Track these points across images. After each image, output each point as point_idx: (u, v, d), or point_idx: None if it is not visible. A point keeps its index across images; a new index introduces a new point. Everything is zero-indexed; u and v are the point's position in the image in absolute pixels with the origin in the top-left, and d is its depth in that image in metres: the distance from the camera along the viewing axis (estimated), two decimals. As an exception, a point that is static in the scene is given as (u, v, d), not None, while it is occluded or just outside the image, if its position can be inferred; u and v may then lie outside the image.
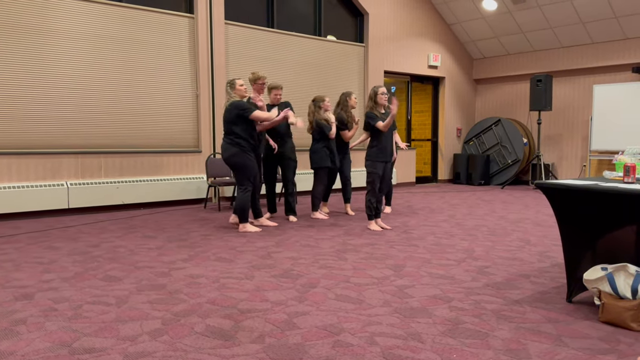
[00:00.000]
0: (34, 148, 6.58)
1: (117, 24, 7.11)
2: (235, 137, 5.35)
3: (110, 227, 5.84)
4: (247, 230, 5.51)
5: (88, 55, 6.90)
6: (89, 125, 6.95)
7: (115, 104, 7.15)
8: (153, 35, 7.43)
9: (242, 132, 5.35)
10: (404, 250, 4.63)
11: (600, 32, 9.76)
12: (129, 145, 7.30)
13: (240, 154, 5.35)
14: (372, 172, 5.53)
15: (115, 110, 7.16)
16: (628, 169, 3.09)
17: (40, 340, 2.55)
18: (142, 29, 7.32)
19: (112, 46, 7.09)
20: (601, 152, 9.93)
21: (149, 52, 7.41)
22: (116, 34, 7.11)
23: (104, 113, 7.07)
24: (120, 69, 7.16)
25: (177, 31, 7.65)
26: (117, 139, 7.20)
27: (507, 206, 7.69)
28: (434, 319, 2.86)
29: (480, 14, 10.71)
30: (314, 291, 3.36)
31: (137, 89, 7.32)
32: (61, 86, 6.72)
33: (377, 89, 5.56)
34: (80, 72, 6.85)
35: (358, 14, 10.06)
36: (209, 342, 2.52)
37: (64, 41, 6.71)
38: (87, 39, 6.88)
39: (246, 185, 5.42)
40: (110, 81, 7.09)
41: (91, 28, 6.91)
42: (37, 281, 3.60)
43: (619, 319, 2.72)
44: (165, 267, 3.99)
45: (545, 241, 5.07)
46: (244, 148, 5.36)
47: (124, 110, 7.23)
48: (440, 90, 11.68)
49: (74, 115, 6.84)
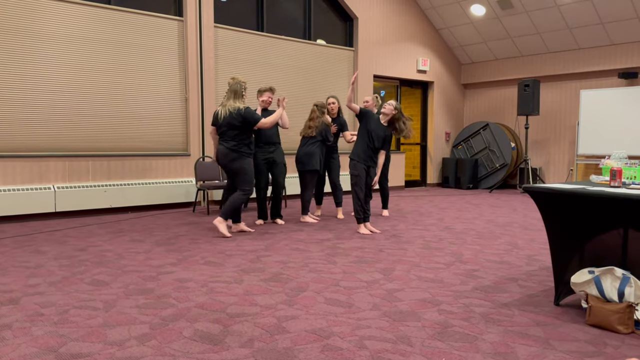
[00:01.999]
0: (21, 151, 6.51)
1: (105, 27, 7.07)
2: (238, 143, 5.35)
3: (97, 231, 5.79)
4: (243, 229, 5.68)
5: (76, 57, 6.85)
6: (76, 128, 6.90)
7: (103, 107, 7.10)
8: (142, 39, 7.39)
9: (246, 139, 5.40)
10: (393, 253, 4.64)
11: (587, 38, 9.88)
12: (117, 149, 7.25)
13: (241, 159, 5.37)
14: (353, 173, 5.56)
15: (104, 113, 7.11)
16: (614, 173, 3.13)
17: (26, 345, 2.52)
18: (131, 32, 7.29)
19: (101, 49, 7.05)
20: (588, 156, 10.03)
21: (138, 55, 7.37)
22: (105, 37, 7.07)
23: (92, 116, 7.01)
24: (108, 72, 7.12)
25: (166, 34, 7.62)
26: (105, 142, 7.14)
27: (495, 210, 7.74)
28: (423, 322, 2.86)
29: (468, 19, 10.79)
30: (304, 295, 3.36)
31: (125, 92, 7.28)
32: (48, 89, 6.66)
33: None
34: (68, 75, 6.80)
35: (348, 18, 10.09)
36: (198, 347, 2.51)
37: (52, 44, 6.66)
38: (75, 41, 6.83)
39: (249, 188, 5.44)
40: (98, 84, 7.04)
41: (79, 31, 6.86)
42: (23, 285, 3.55)
43: (606, 322, 2.75)
44: (154, 271, 3.96)
45: (533, 245, 5.11)
46: (245, 154, 5.39)
47: (112, 113, 7.18)
48: (429, 95, 11.74)
49: (62, 118, 6.78)
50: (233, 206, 5.42)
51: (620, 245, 3.15)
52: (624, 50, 9.62)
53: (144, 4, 7.54)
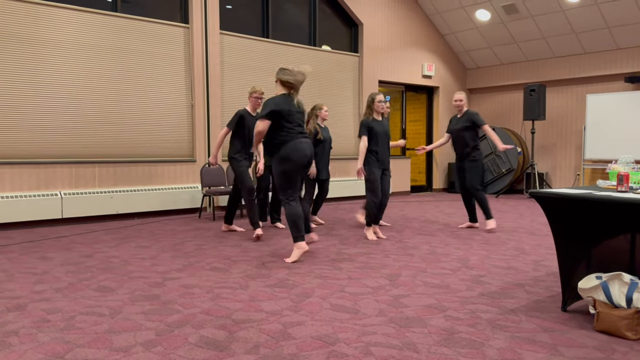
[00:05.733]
0: (28, 158, 6.56)
1: (112, 34, 7.12)
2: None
3: (103, 237, 5.81)
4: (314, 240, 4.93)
5: (83, 65, 6.90)
6: (83, 134, 6.94)
7: (110, 114, 7.14)
8: (148, 46, 7.44)
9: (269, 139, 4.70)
10: (399, 259, 4.62)
11: (593, 42, 9.85)
12: (124, 155, 7.28)
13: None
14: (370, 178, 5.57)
15: (110, 119, 7.15)
16: (621, 178, 3.11)
17: (32, 351, 2.52)
18: (137, 39, 7.33)
19: (107, 56, 7.09)
20: (595, 161, 9.98)
21: (144, 62, 7.41)
22: (111, 44, 7.12)
23: (98, 122, 7.05)
24: (115, 79, 7.16)
25: (172, 41, 7.66)
26: (112, 149, 7.18)
27: (502, 215, 7.70)
28: (429, 328, 2.85)
29: (473, 25, 10.79)
30: (309, 301, 3.35)
31: (132, 99, 7.32)
32: (56, 96, 6.71)
33: (375, 96, 5.62)
34: (75, 82, 6.85)
35: (353, 24, 10.11)
36: (203, 353, 2.50)
37: (59, 51, 6.71)
38: (82, 48, 6.88)
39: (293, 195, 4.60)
40: (105, 91, 7.08)
41: (86, 38, 6.91)
42: (30, 292, 3.57)
43: (614, 328, 2.72)
44: (159, 278, 3.96)
45: (540, 250, 5.08)
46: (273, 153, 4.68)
47: (119, 119, 7.22)
48: (435, 100, 11.73)
49: (68, 125, 6.82)
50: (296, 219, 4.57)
51: (628, 251, 3.13)
52: (630, 54, 9.59)
53: (150, 11, 7.59)
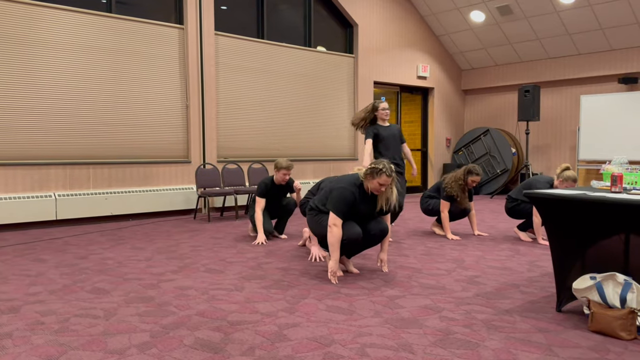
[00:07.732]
0: (21, 159, 6.52)
1: (106, 35, 7.09)
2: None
3: (98, 238, 5.79)
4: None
5: (77, 65, 6.87)
6: (77, 135, 6.91)
7: (104, 115, 7.11)
8: (143, 46, 7.42)
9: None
10: (394, 260, 4.63)
11: (587, 44, 9.90)
12: (118, 156, 7.26)
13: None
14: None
15: (104, 120, 7.12)
16: (615, 179, 3.12)
17: (26, 354, 2.51)
18: (131, 40, 7.31)
19: (102, 57, 7.07)
20: (589, 161, 10.03)
21: (139, 63, 7.39)
22: (106, 45, 7.09)
23: (93, 124, 7.03)
24: (109, 80, 7.14)
25: (166, 42, 7.65)
26: (106, 150, 7.15)
27: (497, 215, 7.72)
28: (424, 329, 2.85)
29: (468, 26, 10.82)
30: (305, 302, 3.35)
31: (126, 100, 7.29)
32: (49, 97, 6.68)
33: (378, 104, 5.88)
34: (69, 83, 6.82)
35: (348, 25, 10.12)
36: (199, 355, 2.50)
37: (53, 52, 6.68)
38: (76, 49, 6.86)
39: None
40: (99, 92, 7.06)
41: (80, 39, 6.89)
42: (24, 294, 3.55)
43: (609, 328, 2.73)
44: (154, 279, 3.95)
45: (535, 250, 5.10)
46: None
47: (113, 120, 7.19)
48: (430, 101, 11.76)
49: (62, 126, 6.79)
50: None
51: (622, 251, 3.14)
52: (623, 55, 9.64)
53: (144, 12, 7.57)
